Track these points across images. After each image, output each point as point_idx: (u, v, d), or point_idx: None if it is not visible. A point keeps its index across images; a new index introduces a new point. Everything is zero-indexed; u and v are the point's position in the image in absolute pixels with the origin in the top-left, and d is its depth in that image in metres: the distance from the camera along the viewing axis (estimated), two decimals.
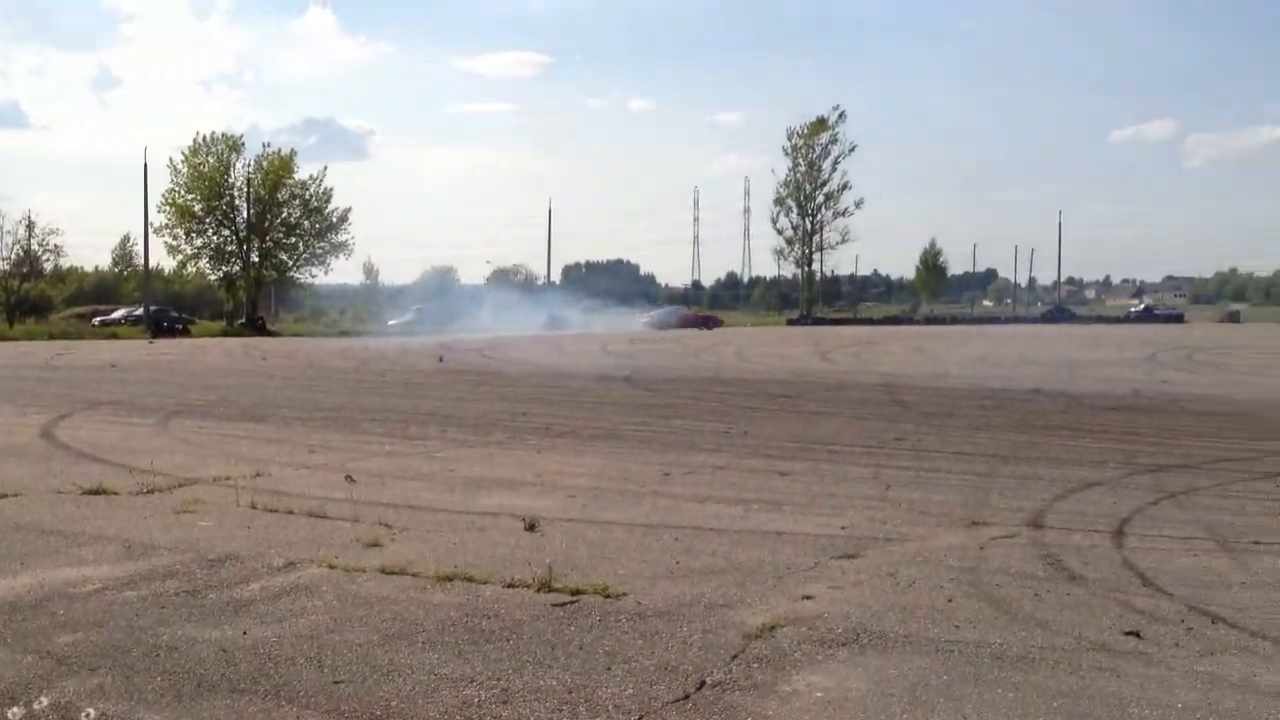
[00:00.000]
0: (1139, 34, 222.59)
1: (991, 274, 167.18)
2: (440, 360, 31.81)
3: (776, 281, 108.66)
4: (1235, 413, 17.14)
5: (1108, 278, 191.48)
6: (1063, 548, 7.68)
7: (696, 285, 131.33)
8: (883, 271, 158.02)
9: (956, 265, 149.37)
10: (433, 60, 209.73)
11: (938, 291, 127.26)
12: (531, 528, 8.18)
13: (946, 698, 4.88)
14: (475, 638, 5.67)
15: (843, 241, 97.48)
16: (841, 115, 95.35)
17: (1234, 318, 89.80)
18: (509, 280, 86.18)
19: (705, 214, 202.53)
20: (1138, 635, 5.70)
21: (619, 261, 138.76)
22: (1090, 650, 5.49)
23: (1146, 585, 6.70)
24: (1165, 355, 33.63)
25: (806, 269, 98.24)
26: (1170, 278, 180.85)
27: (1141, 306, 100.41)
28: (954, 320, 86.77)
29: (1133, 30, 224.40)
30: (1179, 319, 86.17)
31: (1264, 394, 20.55)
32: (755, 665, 5.26)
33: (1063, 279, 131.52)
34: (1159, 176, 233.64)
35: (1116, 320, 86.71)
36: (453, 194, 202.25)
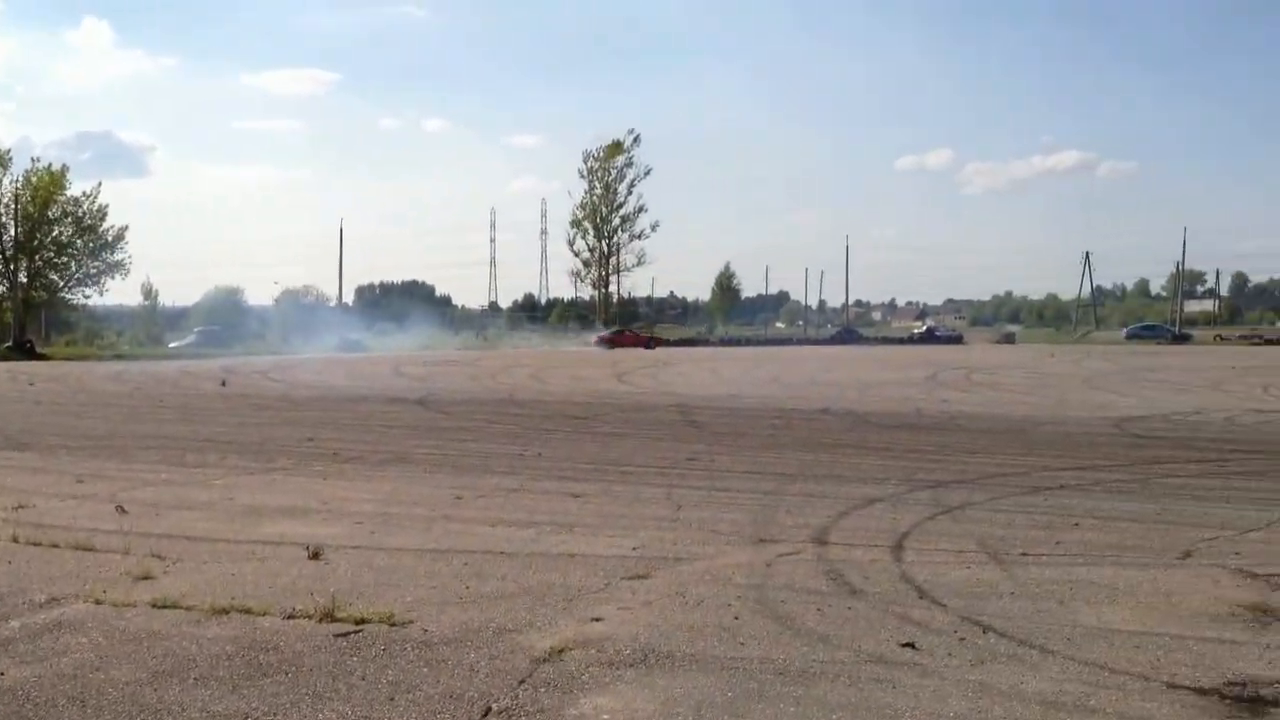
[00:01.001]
0: (922, 65, 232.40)
1: (784, 296, 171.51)
2: (223, 384, 30.74)
3: (574, 303, 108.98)
4: (1008, 430, 17.96)
5: (893, 300, 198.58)
6: (845, 563, 7.87)
7: (494, 306, 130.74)
8: (679, 293, 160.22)
9: (750, 287, 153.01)
10: (217, 75, 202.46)
11: (732, 313, 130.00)
12: (315, 556, 7.94)
13: (731, 714, 4.93)
14: (251, 672, 5.45)
15: (639, 264, 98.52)
16: (636, 139, 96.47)
17: (1009, 339, 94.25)
18: (299, 301, 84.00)
19: (502, 235, 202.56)
20: (913, 646, 5.87)
21: (414, 282, 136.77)
22: (868, 662, 5.63)
23: (923, 598, 6.93)
24: (945, 375, 35.05)
25: (604, 291, 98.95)
26: (951, 300, 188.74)
27: (924, 328, 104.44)
28: (748, 342, 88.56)
29: (916, 61, 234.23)
30: (959, 340, 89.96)
31: (1034, 412, 21.61)
32: (542, 690, 5.21)
33: (851, 301, 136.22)
34: (940, 203, 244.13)
35: (901, 341, 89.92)
36: (240, 212, 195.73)
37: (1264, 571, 7.57)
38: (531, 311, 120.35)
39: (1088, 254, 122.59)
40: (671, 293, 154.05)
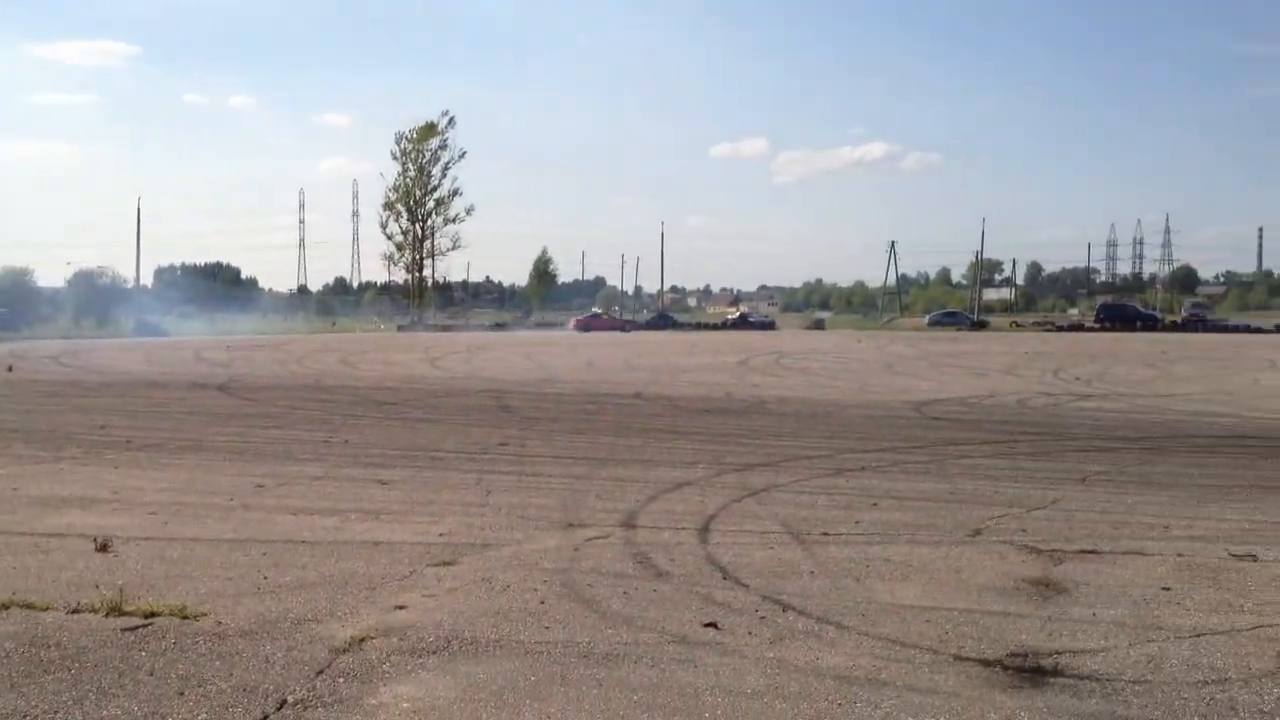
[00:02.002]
0: (738, 54, 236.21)
1: (600, 281, 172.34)
2: (9, 369, 29.18)
3: (388, 287, 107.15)
4: (815, 414, 18.39)
5: (708, 286, 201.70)
6: (653, 546, 7.95)
7: (303, 290, 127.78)
8: (495, 278, 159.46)
9: (567, 273, 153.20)
10: (3, 46, 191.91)
11: (549, 298, 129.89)
12: (104, 548, 7.61)
13: (533, 699, 4.92)
14: (32, 669, 5.19)
15: (454, 247, 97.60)
16: (451, 121, 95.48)
17: (819, 325, 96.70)
18: (93, 283, 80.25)
19: (312, 217, 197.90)
20: (715, 626, 5.97)
21: (218, 264, 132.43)
22: (671, 643, 5.70)
23: (726, 578, 7.04)
24: (757, 360, 35.71)
25: (418, 275, 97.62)
26: (764, 287, 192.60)
27: (738, 314, 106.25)
28: (563, 327, 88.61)
29: (732, 50, 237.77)
30: (771, 326, 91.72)
31: (840, 396, 22.21)
32: (341, 680, 5.11)
33: (667, 287, 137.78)
34: (754, 191, 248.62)
35: (715, 327, 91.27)
36: (29, 190, 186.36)
37: (1047, 547, 7.94)
38: (344, 295, 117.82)
39: (893, 243, 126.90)
40: (488, 277, 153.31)
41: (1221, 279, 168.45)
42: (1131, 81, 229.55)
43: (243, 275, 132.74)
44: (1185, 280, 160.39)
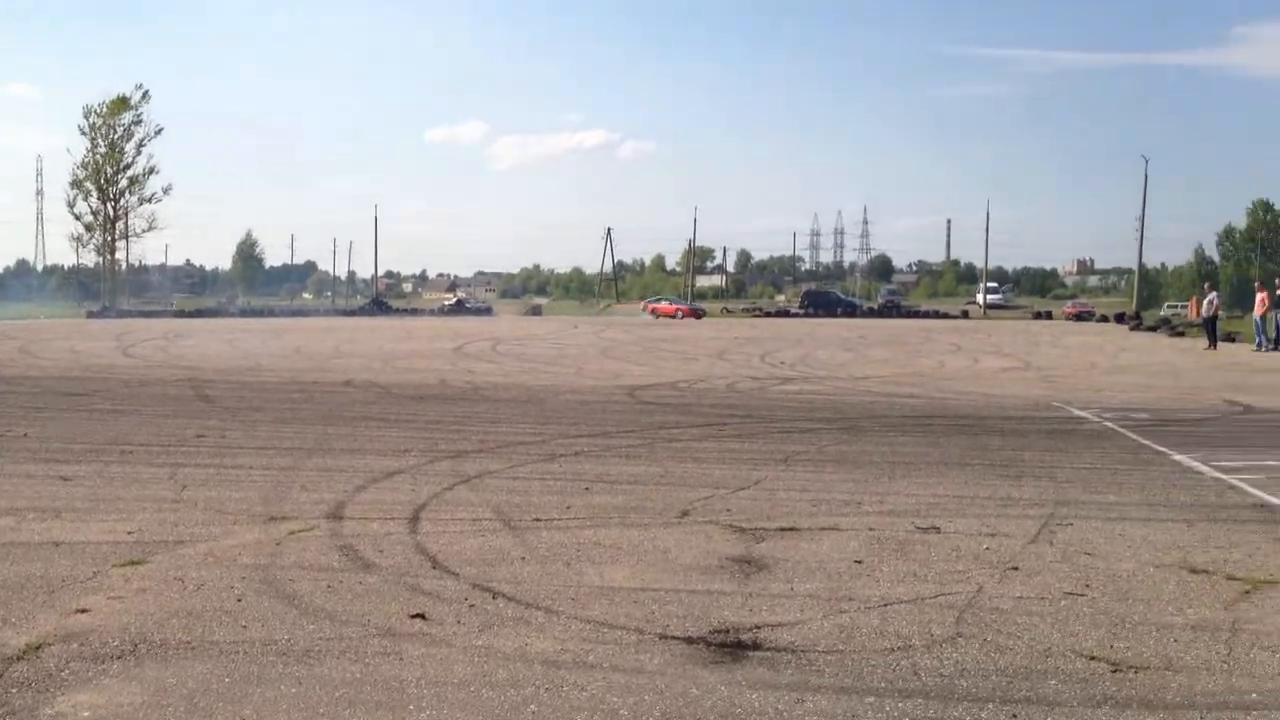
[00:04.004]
0: (452, 36, 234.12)
1: (311, 266, 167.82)
2: None
3: (76, 271, 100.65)
4: (530, 399, 18.41)
5: (424, 272, 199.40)
6: (360, 537, 7.75)
7: None
8: (197, 262, 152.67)
9: (275, 257, 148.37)
10: None
11: (255, 283, 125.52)
12: None
13: (227, 701, 4.70)
14: None
15: (150, 229, 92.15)
16: (146, 95, 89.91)
17: (536, 311, 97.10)
18: None
19: None
20: (423, 617, 5.87)
21: None
22: (377, 637, 5.57)
23: (436, 568, 6.94)
24: (473, 347, 35.50)
25: (110, 257, 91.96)
26: (482, 273, 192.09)
27: (454, 300, 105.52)
28: (271, 313, 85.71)
29: (446, 32, 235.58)
30: (488, 312, 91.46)
31: (555, 381, 22.33)
32: (14, 691, 4.75)
33: (381, 272, 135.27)
34: (471, 176, 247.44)
35: (431, 313, 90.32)
36: None
37: (750, 526, 8.21)
38: (27, 279, 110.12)
39: (610, 230, 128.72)
40: (188, 261, 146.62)
41: (914, 267, 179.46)
42: (832, 77, 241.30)
43: None
44: (882, 269, 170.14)
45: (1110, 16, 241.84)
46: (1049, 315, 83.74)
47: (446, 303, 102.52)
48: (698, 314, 76.21)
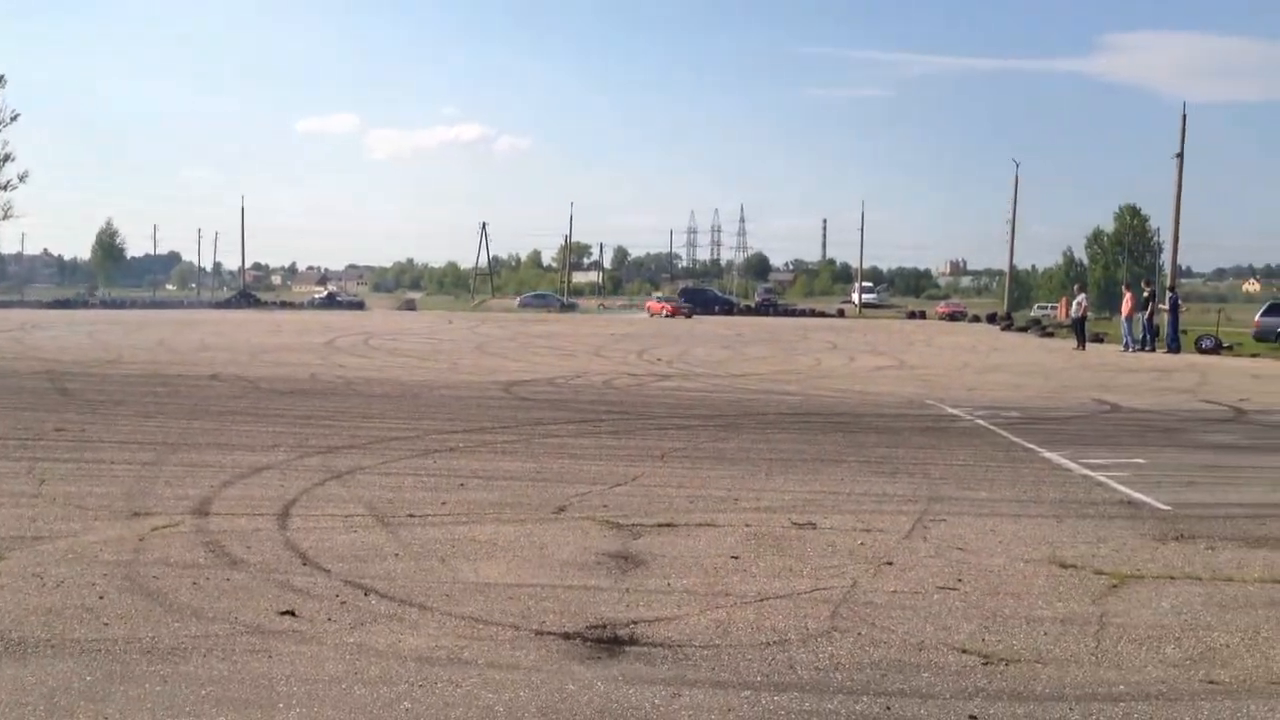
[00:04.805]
0: (323, 26, 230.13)
1: (175, 257, 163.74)
2: None
3: None
4: (403, 394, 18.15)
5: (294, 264, 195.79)
6: (227, 533, 7.53)
7: None
8: (55, 252, 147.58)
9: (137, 247, 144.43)
10: None
11: (117, 274, 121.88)
12: None
13: (89, 700, 4.52)
14: None
15: (6, 217, 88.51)
16: (1, 79, 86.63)
17: (410, 305, 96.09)
18: None
19: None
20: (293, 614, 5.72)
21: None
22: (245, 634, 5.40)
23: (306, 564, 6.78)
24: (344, 341, 34.92)
25: None
26: (354, 266, 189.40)
27: (325, 293, 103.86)
28: (134, 304, 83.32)
29: (317, 22, 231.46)
30: (360, 306, 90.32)
31: (429, 376, 22.05)
32: None
33: (249, 264, 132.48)
34: (344, 168, 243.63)
35: (301, 306, 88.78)
36: None
37: (627, 522, 8.18)
38: None
39: (485, 224, 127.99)
40: (46, 250, 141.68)
41: (791, 266, 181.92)
42: (711, 77, 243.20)
43: None
44: (759, 267, 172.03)
45: (985, 22, 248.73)
46: (923, 315, 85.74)
47: (317, 296, 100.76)
48: (687, 313, 74.91)
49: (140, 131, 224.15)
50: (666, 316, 72.24)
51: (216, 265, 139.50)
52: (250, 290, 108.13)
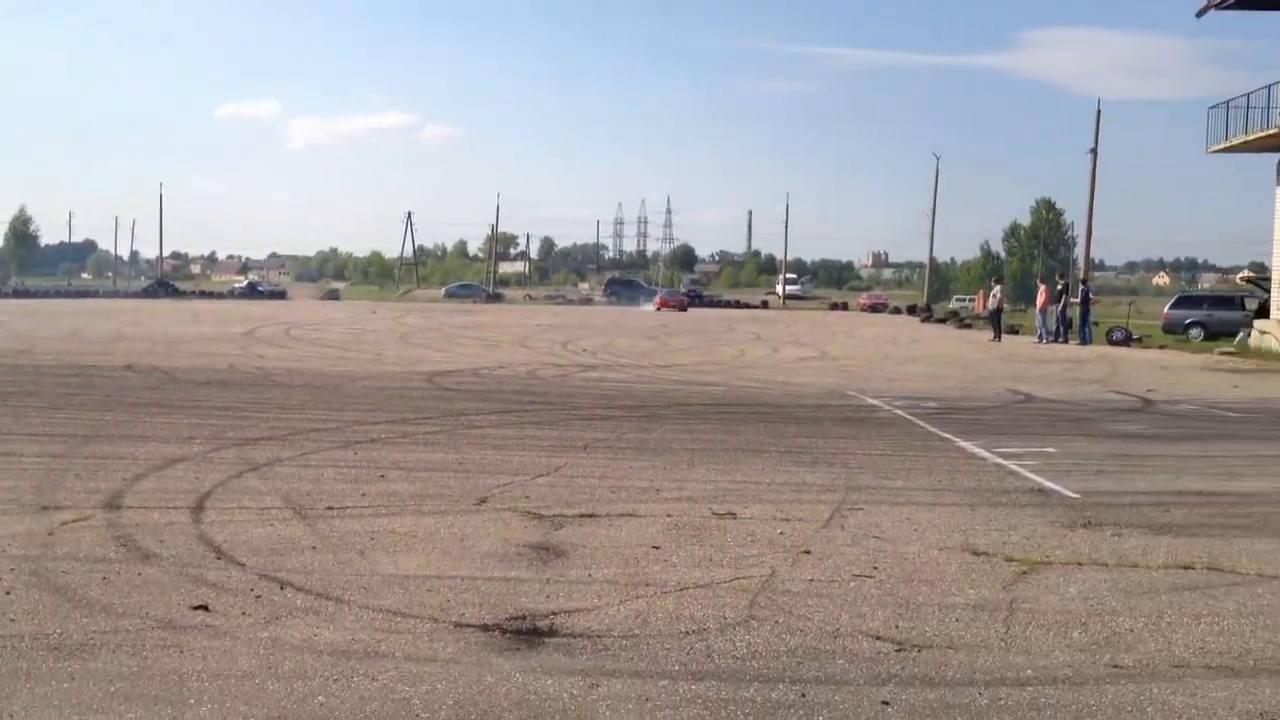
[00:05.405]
0: (243, 11, 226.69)
1: (91, 245, 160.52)
2: None
3: None
4: (324, 385, 17.95)
5: (214, 253, 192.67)
6: (140, 527, 7.41)
7: None
8: None
9: (52, 235, 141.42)
10: None
11: (30, 263, 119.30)
12: None
13: None
14: None
15: None
16: None
17: (334, 295, 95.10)
18: None
19: None
20: (206, 609, 5.64)
21: None
22: (156, 629, 5.32)
23: (221, 558, 6.68)
24: (265, 331, 34.48)
25: None
26: (275, 255, 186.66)
27: (246, 283, 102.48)
28: (47, 294, 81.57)
29: (237, 6, 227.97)
30: (282, 295, 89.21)
31: (352, 367, 21.83)
32: None
33: (168, 253, 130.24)
34: (265, 156, 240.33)
35: (221, 296, 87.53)
36: None
37: (549, 513, 8.17)
38: None
39: (410, 214, 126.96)
40: None
41: (716, 258, 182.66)
42: (639, 69, 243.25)
43: None
44: (685, 258, 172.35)
45: (907, 18, 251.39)
46: (845, 306, 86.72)
47: (238, 285, 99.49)
48: (682, 306, 72.94)
49: (55, 117, 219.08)
50: (658, 310, 69.95)
51: (134, 254, 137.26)
52: (168, 279, 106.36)
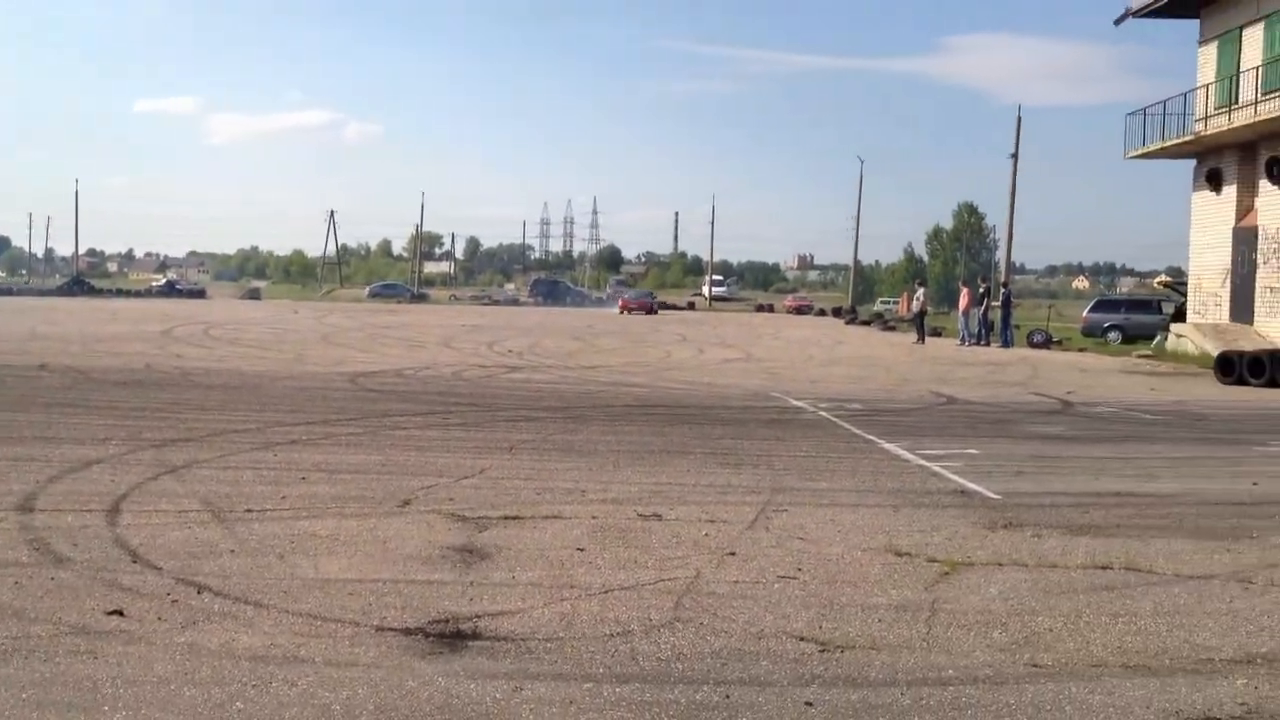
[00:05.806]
0: (165, 3, 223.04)
1: (4, 242, 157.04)
2: None
3: None
4: (244, 385, 17.71)
5: (132, 251, 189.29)
6: (52, 530, 7.24)
7: None
8: None
9: None
10: None
11: None
12: None
13: None
14: None
15: None
16: None
17: (255, 294, 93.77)
18: None
19: None
20: (121, 614, 5.52)
21: None
22: (69, 635, 5.20)
23: (136, 561, 6.55)
24: (183, 330, 33.94)
25: None
26: (194, 253, 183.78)
27: (164, 281, 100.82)
28: None
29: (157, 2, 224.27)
30: (201, 294, 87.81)
31: (272, 367, 21.57)
32: None
33: (84, 250, 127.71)
34: (183, 153, 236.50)
35: (139, 294, 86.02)
36: None
37: (474, 515, 8.11)
38: None
39: (333, 212, 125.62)
40: None
41: (643, 258, 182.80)
42: (565, 69, 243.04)
43: None
44: (611, 259, 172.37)
45: (830, 21, 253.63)
46: (771, 308, 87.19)
47: (156, 284, 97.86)
48: (649, 309, 71.19)
49: None
50: (622, 313, 68.13)
51: (49, 251, 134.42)
52: (85, 277, 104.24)
